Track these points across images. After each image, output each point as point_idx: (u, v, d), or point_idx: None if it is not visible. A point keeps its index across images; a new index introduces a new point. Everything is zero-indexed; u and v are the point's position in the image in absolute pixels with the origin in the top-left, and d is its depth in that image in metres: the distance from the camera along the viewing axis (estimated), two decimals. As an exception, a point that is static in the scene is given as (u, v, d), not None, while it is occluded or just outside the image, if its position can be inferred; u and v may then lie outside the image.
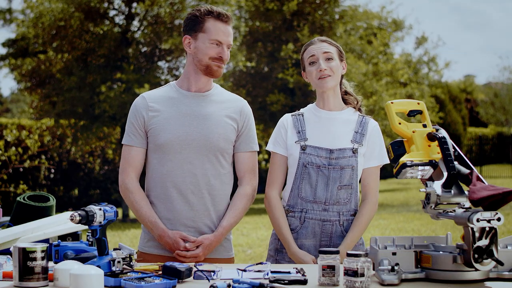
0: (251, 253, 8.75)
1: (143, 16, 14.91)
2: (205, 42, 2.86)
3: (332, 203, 2.87)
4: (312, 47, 2.96)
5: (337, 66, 2.94)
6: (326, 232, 2.87)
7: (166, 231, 2.79)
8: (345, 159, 2.87)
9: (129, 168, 2.87)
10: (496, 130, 33.63)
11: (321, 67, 2.90)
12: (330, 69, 2.92)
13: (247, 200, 2.92)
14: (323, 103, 2.99)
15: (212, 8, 2.87)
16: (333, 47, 2.96)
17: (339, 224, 2.88)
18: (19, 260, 2.14)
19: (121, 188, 2.89)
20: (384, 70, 16.61)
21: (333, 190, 2.87)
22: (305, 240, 2.88)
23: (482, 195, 2.08)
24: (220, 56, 2.85)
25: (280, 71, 15.96)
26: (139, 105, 2.92)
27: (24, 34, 16.31)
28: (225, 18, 2.86)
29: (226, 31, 2.86)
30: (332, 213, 2.87)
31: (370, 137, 2.94)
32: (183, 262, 2.69)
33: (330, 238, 2.88)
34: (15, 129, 14.40)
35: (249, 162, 2.95)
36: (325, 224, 2.87)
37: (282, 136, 2.99)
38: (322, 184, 2.87)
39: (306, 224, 2.88)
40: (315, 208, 2.88)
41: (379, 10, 20.55)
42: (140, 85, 13.57)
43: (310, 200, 2.88)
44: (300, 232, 2.89)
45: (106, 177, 17.63)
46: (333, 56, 2.93)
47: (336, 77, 2.94)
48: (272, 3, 16.23)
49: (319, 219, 2.87)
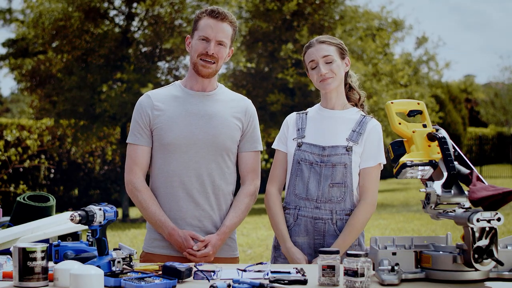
0: (251, 253, 8.75)
1: (143, 16, 14.91)
2: (195, 39, 2.86)
3: (324, 201, 2.86)
4: (311, 50, 2.96)
5: (338, 67, 2.94)
6: (319, 230, 2.86)
7: (176, 229, 2.78)
8: (337, 156, 2.87)
9: (136, 167, 2.86)
10: (496, 130, 33.63)
11: (321, 72, 2.91)
12: (330, 71, 2.92)
13: (250, 200, 2.93)
14: (326, 103, 3.00)
15: (212, 8, 2.86)
16: (333, 47, 2.95)
17: (332, 223, 2.86)
18: (19, 260, 2.14)
19: (128, 187, 2.87)
20: (384, 71, 16.61)
21: (324, 188, 2.86)
22: (298, 237, 2.89)
23: (482, 195, 2.08)
24: (206, 52, 2.82)
25: (280, 71, 15.96)
26: (144, 103, 2.90)
27: (24, 34, 16.30)
28: (216, 14, 2.83)
29: (215, 27, 2.82)
30: (324, 211, 2.86)
31: (367, 136, 2.92)
32: (193, 261, 2.69)
33: (323, 237, 2.86)
34: (15, 129, 14.40)
35: (253, 162, 2.96)
36: (317, 222, 2.86)
37: (284, 134, 3.02)
38: (314, 181, 2.87)
39: (299, 222, 2.89)
40: (307, 205, 2.88)
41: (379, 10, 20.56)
42: (142, 84, 13.58)
43: (303, 197, 2.88)
44: (294, 230, 2.90)
45: (106, 177, 17.63)
46: (332, 58, 2.92)
47: (338, 77, 2.94)
48: (272, 3, 16.23)
49: (311, 216, 2.87)
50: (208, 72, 2.86)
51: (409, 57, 21.41)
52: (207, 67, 2.85)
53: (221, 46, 2.85)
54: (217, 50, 2.83)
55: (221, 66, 2.92)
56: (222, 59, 2.87)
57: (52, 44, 14.82)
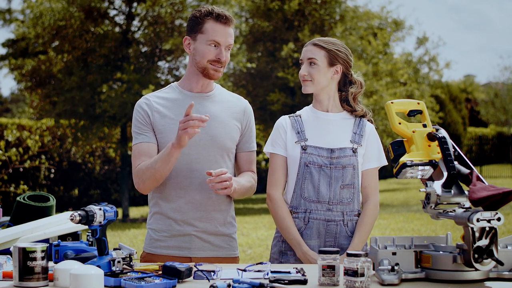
0: (251, 253, 8.75)
1: (143, 16, 14.92)
2: (203, 44, 2.84)
3: (335, 202, 2.87)
4: (304, 50, 2.98)
5: (319, 72, 2.91)
6: (331, 232, 2.87)
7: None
8: (346, 158, 2.88)
9: (145, 157, 2.80)
10: (496, 130, 33.63)
11: (300, 72, 2.94)
12: (309, 74, 2.91)
13: (253, 183, 2.94)
14: (318, 105, 3.00)
15: (213, 9, 2.84)
16: (323, 51, 2.92)
17: (344, 224, 2.88)
18: (19, 260, 2.14)
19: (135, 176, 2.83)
20: (384, 70, 16.61)
21: (336, 190, 2.87)
22: (309, 240, 2.87)
23: (482, 195, 2.08)
24: (218, 58, 2.83)
25: (281, 70, 15.96)
26: (143, 105, 2.89)
27: (24, 34, 16.30)
28: (224, 20, 2.82)
29: (224, 32, 2.83)
30: (336, 212, 2.87)
31: (368, 138, 2.95)
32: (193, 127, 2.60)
33: (335, 239, 2.87)
34: (15, 129, 14.41)
35: (250, 160, 2.99)
36: (329, 224, 2.87)
37: (281, 137, 2.97)
38: (325, 183, 2.87)
39: (311, 225, 2.87)
40: (319, 208, 2.87)
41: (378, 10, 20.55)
42: (141, 85, 13.58)
43: (314, 200, 2.88)
44: (305, 233, 2.88)
45: (106, 177, 17.64)
46: (316, 62, 2.91)
47: (316, 82, 2.92)
48: (273, 3, 16.23)
49: (323, 219, 2.87)
50: (219, 76, 2.88)
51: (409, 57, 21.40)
52: (219, 71, 2.87)
53: (228, 51, 2.88)
54: (226, 55, 2.86)
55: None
56: (228, 61, 2.90)
57: (52, 44, 14.83)
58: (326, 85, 2.94)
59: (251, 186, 2.92)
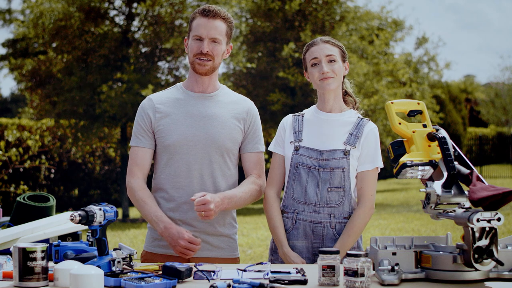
0: (251, 253, 8.75)
1: (143, 16, 14.91)
2: (190, 40, 2.90)
3: (322, 204, 2.85)
4: (315, 48, 2.94)
5: (340, 68, 2.92)
6: (318, 234, 2.85)
7: (172, 223, 2.77)
8: (335, 160, 2.85)
9: (135, 168, 2.89)
10: (496, 130, 33.62)
11: (323, 70, 2.89)
12: (332, 71, 2.90)
13: (255, 187, 2.91)
14: (323, 105, 2.97)
15: (204, 7, 2.88)
16: (336, 48, 2.94)
17: (331, 227, 2.85)
18: (19, 260, 2.14)
19: (128, 188, 2.90)
20: (384, 70, 16.61)
21: (323, 192, 2.85)
22: (296, 241, 2.87)
23: (482, 195, 2.08)
24: (200, 51, 2.84)
25: (281, 70, 15.95)
26: (146, 106, 2.93)
27: (24, 34, 16.30)
28: (207, 13, 2.85)
29: (207, 25, 2.84)
30: (323, 215, 2.85)
31: (365, 140, 2.90)
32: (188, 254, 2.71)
33: (322, 241, 2.86)
34: (16, 129, 14.40)
35: (256, 162, 2.97)
36: (316, 226, 2.85)
37: (281, 137, 2.99)
38: (313, 185, 2.86)
39: (298, 225, 2.87)
40: (306, 209, 2.86)
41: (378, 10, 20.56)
42: (141, 85, 13.58)
43: (301, 201, 2.87)
44: (292, 233, 2.88)
45: (106, 177, 17.63)
46: (335, 58, 2.91)
47: (338, 78, 2.93)
48: (274, 3, 16.23)
49: (310, 220, 2.86)
50: (205, 69, 2.88)
51: (409, 57, 21.40)
52: (203, 64, 2.87)
53: (215, 44, 2.86)
54: (211, 48, 2.85)
55: (219, 63, 2.92)
56: (218, 56, 2.88)
57: (52, 44, 14.83)
58: (341, 82, 2.98)
59: (250, 195, 2.89)
